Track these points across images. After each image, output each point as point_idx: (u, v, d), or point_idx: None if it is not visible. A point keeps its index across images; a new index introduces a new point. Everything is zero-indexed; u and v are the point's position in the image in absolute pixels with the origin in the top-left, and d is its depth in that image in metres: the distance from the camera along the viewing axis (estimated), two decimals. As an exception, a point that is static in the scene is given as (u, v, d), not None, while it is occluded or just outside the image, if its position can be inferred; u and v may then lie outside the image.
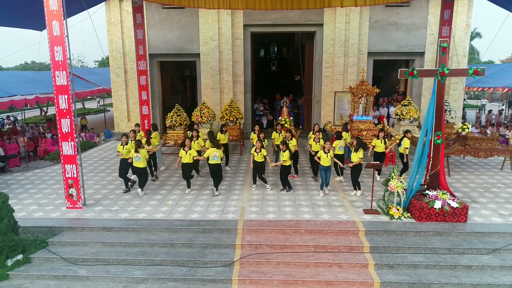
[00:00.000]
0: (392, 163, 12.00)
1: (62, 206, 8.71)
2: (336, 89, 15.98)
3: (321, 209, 8.43)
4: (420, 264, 6.72)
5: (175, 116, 13.79)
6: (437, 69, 7.73)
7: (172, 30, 15.99)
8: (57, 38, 7.87)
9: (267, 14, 15.53)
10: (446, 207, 7.60)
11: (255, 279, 6.49)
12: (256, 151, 9.36)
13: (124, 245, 7.28)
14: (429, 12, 15.29)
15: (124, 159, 9.53)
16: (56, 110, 8.17)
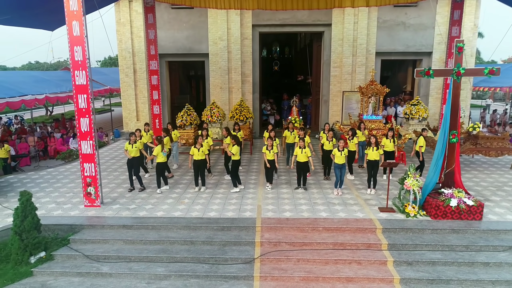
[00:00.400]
0: (402, 163, 12.10)
1: (80, 204, 8.80)
2: (344, 89, 16.06)
3: (337, 207, 8.53)
4: (438, 261, 6.82)
5: (186, 116, 13.90)
6: (453, 69, 7.82)
7: (181, 30, 16.08)
8: (77, 38, 7.95)
9: (275, 14, 15.63)
10: (462, 205, 7.70)
11: (277, 276, 6.59)
12: (267, 148, 9.43)
13: (144, 242, 7.37)
14: (437, 12, 15.39)
15: (133, 158, 9.59)
16: (75, 109, 8.25)
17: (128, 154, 9.67)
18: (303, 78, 29.72)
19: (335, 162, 9.25)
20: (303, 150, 9.31)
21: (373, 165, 9.25)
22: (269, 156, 9.47)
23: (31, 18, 11.39)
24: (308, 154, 9.33)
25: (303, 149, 9.32)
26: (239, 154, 9.52)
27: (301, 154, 9.32)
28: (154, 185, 10.14)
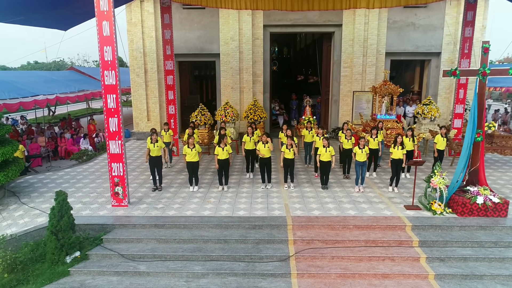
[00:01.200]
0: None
1: (107, 204, 8.82)
2: (355, 89, 16.22)
3: (363, 205, 8.65)
4: (469, 257, 6.97)
5: (200, 116, 13.94)
6: (479, 69, 7.98)
7: (192, 30, 16.11)
8: (107, 38, 7.98)
9: (287, 15, 15.73)
10: (488, 202, 7.87)
11: (314, 273, 6.69)
12: (287, 147, 9.49)
13: (178, 241, 7.43)
14: (446, 13, 15.60)
15: (156, 157, 9.59)
16: (104, 109, 8.27)
17: (150, 153, 9.65)
18: (303, 78, 29.95)
19: (357, 159, 9.38)
20: (327, 148, 9.41)
21: (398, 163, 9.37)
22: (289, 155, 9.53)
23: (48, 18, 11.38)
24: (332, 153, 9.44)
25: (327, 147, 9.42)
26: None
27: (325, 153, 9.43)
28: (176, 185, 10.21)
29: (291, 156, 9.50)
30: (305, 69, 30.83)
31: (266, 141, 9.53)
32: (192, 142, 9.47)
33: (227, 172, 9.76)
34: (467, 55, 12.67)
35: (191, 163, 9.55)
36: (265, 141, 9.50)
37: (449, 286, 6.46)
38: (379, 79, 16.11)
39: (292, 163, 9.63)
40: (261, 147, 9.50)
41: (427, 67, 16.93)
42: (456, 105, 13.07)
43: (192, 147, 9.43)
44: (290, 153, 9.46)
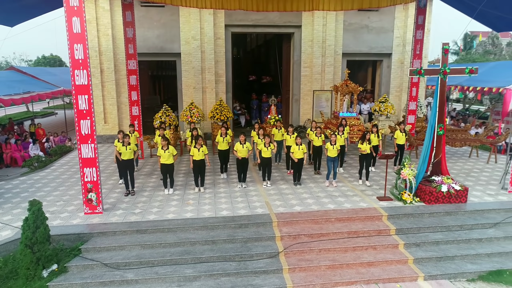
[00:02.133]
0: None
1: (78, 212, 8.31)
2: (315, 88, 16.79)
3: (340, 199, 9.03)
4: (441, 241, 7.60)
5: (164, 117, 13.59)
6: (440, 68, 8.70)
7: (151, 29, 15.62)
8: (77, 35, 7.53)
9: (248, 15, 15.85)
10: (451, 190, 8.62)
11: (304, 267, 6.87)
12: (265, 146, 9.63)
13: (164, 245, 7.22)
14: (396, 17, 16.72)
15: (128, 160, 9.25)
16: (75, 111, 7.77)
17: (120, 156, 9.24)
18: (255, 78, 30.32)
19: (328, 155, 9.77)
20: (300, 146, 9.67)
21: (366, 158, 9.93)
22: (267, 154, 9.67)
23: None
24: (304, 150, 9.71)
25: (300, 145, 9.67)
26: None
27: (298, 151, 9.66)
28: (149, 188, 9.89)
29: (269, 155, 9.63)
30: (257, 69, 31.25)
31: (244, 141, 9.55)
32: (165, 144, 9.19)
33: (203, 174, 9.63)
34: (418, 56, 13.68)
35: (165, 166, 9.27)
36: (242, 141, 9.51)
37: (427, 268, 6.99)
38: (337, 78, 16.85)
39: (269, 161, 9.75)
40: (238, 148, 9.49)
41: (379, 67, 18.02)
42: (409, 102, 14.07)
43: (166, 148, 9.16)
44: (268, 152, 9.59)
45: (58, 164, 12.62)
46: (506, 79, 16.28)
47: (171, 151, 9.16)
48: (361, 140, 9.92)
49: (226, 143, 10.40)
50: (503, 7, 11.77)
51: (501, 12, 12.20)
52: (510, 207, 8.59)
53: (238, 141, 9.59)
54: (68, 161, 12.99)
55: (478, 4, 12.66)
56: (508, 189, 9.47)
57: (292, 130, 10.94)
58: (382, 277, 6.74)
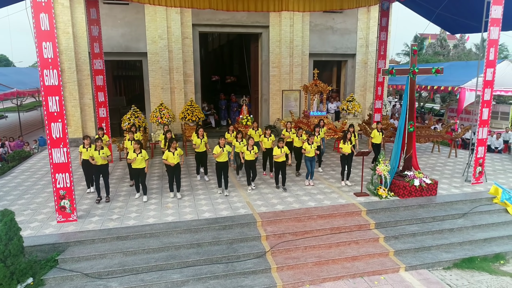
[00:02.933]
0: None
1: (50, 220, 7.80)
2: (283, 88, 16.99)
3: (319, 196, 9.20)
4: (417, 233, 7.97)
5: (133, 118, 13.14)
6: (410, 68, 9.12)
7: (115, 27, 15.02)
8: (46, 33, 7.06)
9: (216, 15, 15.71)
10: (423, 183, 9.08)
11: (292, 265, 6.93)
12: (248, 149, 9.39)
13: (148, 251, 6.97)
14: (359, 18, 17.32)
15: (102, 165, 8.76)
16: (44, 113, 7.29)
17: (95, 161, 8.77)
18: (218, 78, 30.21)
19: (306, 155, 9.81)
20: (282, 149, 9.36)
21: (348, 158, 9.95)
22: (250, 157, 9.40)
23: None
24: (287, 151, 9.57)
25: (282, 148, 9.38)
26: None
27: (280, 153, 9.35)
28: (124, 193, 9.51)
29: (252, 157, 9.43)
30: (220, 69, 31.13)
31: (224, 144, 9.28)
32: (138, 148, 8.82)
33: (179, 178, 9.15)
34: (383, 57, 14.30)
35: (137, 170, 8.86)
36: (222, 145, 9.21)
37: (406, 259, 7.31)
38: (304, 78, 17.15)
39: (253, 164, 9.56)
40: (218, 151, 9.17)
41: (344, 67, 18.58)
42: (376, 101, 14.65)
43: (139, 152, 8.80)
44: (251, 155, 9.41)
45: (19, 170, 11.77)
46: (458, 79, 17.42)
47: (144, 155, 8.81)
48: (343, 140, 9.94)
49: (203, 144, 10.14)
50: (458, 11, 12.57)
51: (457, 16, 13.03)
52: (475, 198, 9.19)
53: (217, 144, 9.29)
54: (29, 167, 12.15)
55: (436, 8, 13.47)
56: (471, 181, 10.13)
57: (269, 132, 10.78)
58: (367, 270, 6.96)
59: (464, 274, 7.14)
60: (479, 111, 9.85)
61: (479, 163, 10.06)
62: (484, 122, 9.89)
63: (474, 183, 10.10)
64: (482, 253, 7.61)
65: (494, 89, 9.97)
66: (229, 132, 11.22)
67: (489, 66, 9.55)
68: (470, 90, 16.64)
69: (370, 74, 17.88)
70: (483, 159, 10.10)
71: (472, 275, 7.10)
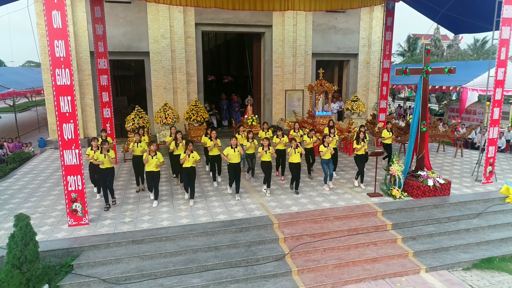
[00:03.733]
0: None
1: (61, 224, 7.58)
2: (286, 88, 16.88)
3: (332, 197, 9.11)
4: (434, 233, 7.92)
5: (137, 119, 12.90)
6: (423, 68, 9.07)
7: (117, 26, 14.76)
8: (58, 31, 6.84)
9: (218, 14, 15.56)
10: (436, 184, 9.04)
11: (312, 267, 6.82)
12: (264, 149, 9.09)
13: (165, 255, 6.79)
14: (361, 18, 17.30)
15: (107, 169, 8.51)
16: (56, 113, 7.06)
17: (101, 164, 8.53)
18: (214, 78, 30.02)
19: (323, 158, 9.37)
20: (295, 150, 9.01)
21: (362, 158, 9.67)
22: (266, 157, 9.15)
23: None
24: (302, 152, 9.33)
25: (296, 148, 9.02)
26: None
27: (294, 154, 9.05)
28: (133, 195, 9.30)
29: (268, 158, 9.18)
30: (216, 69, 30.94)
31: (236, 145, 8.97)
32: (153, 149, 8.61)
33: (193, 181, 8.80)
34: (388, 56, 14.27)
35: (151, 173, 8.57)
36: (234, 145, 8.93)
37: (426, 260, 7.25)
38: (307, 78, 17.08)
39: (269, 166, 9.25)
40: (230, 152, 8.88)
41: (347, 67, 18.55)
42: (380, 100, 14.62)
43: (154, 154, 8.59)
44: (267, 155, 9.16)
45: (21, 172, 11.47)
46: (460, 78, 17.47)
47: (159, 158, 8.60)
48: (356, 141, 9.69)
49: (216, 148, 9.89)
50: (465, 11, 12.58)
51: (463, 16, 13.04)
52: (487, 197, 9.19)
53: (229, 145, 9.09)
54: (31, 168, 11.85)
55: (441, 8, 13.48)
56: (481, 181, 10.13)
57: (281, 133, 10.52)
58: (388, 272, 6.87)
59: (484, 274, 7.09)
60: (490, 110, 9.84)
61: (490, 162, 10.07)
62: (495, 122, 9.89)
63: (484, 182, 10.11)
64: (500, 253, 7.59)
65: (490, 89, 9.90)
66: (240, 133, 10.95)
67: (501, 66, 9.55)
68: (472, 89, 16.74)
69: (373, 74, 17.89)
70: (493, 159, 10.11)
71: (492, 275, 7.06)
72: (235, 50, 28.23)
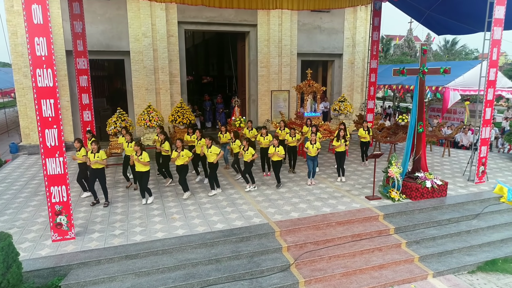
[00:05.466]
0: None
1: (43, 240, 6.90)
2: (272, 88, 16.57)
3: (331, 201, 8.84)
4: (436, 236, 7.79)
5: (119, 121, 12.19)
6: (420, 68, 8.96)
7: (95, 24, 13.95)
8: (39, 27, 6.20)
9: (202, 12, 15.05)
10: (434, 185, 8.95)
11: (320, 277, 6.50)
12: (244, 149, 9.23)
13: (162, 270, 6.28)
14: (346, 18, 17.24)
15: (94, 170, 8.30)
16: (37, 118, 6.40)
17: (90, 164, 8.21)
18: (192, 78, 29.41)
19: (309, 155, 9.74)
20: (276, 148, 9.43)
21: (341, 156, 10.04)
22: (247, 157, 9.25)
23: None
24: (282, 152, 9.56)
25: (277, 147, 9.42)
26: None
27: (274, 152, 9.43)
28: (120, 204, 8.70)
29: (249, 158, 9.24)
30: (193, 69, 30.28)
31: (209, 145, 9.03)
32: (139, 150, 8.30)
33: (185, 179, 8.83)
34: (375, 56, 14.23)
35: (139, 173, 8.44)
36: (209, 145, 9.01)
37: (432, 265, 7.10)
38: (293, 78, 16.84)
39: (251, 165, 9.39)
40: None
41: (331, 67, 18.44)
42: (368, 101, 14.56)
43: (139, 154, 8.27)
44: (248, 155, 9.18)
45: (-7, 182, 10.55)
46: (442, 78, 17.70)
47: (144, 158, 8.21)
48: (336, 138, 10.03)
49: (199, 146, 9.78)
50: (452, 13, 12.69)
51: (448, 18, 13.16)
52: (483, 198, 9.19)
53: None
54: (4, 177, 10.92)
55: (426, 9, 13.55)
56: (474, 181, 10.17)
57: (265, 131, 10.59)
58: (396, 279, 6.66)
59: (490, 277, 7.01)
60: (482, 110, 9.88)
61: (482, 162, 10.12)
62: (487, 122, 9.94)
63: (477, 182, 10.15)
64: (503, 255, 7.55)
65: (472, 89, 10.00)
66: (222, 132, 10.93)
67: (492, 66, 9.59)
68: (454, 89, 17.00)
69: (357, 74, 17.88)
70: (485, 159, 10.16)
71: (498, 278, 6.99)
72: (214, 50, 27.69)
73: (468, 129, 15.98)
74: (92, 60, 15.82)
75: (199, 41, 29.76)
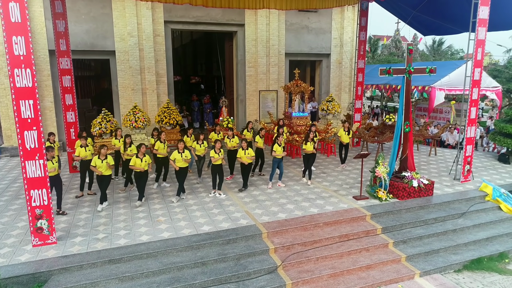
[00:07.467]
0: (333, 154, 13.27)
1: (23, 245, 6.70)
2: (260, 88, 16.49)
3: (318, 201, 8.80)
4: (423, 235, 7.82)
5: (104, 122, 11.98)
6: (406, 68, 8.98)
7: (79, 23, 13.68)
8: (17, 25, 6.00)
9: (189, 11, 14.89)
10: (421, 184, 8.99)
11: (307, 279, 6.46)
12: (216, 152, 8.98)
13: (147, 275, 6.15)
14: (333, 18, 17.25)
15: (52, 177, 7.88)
16: (16, 120, 6.20)
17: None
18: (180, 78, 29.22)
19: (276, 157, 9.57)
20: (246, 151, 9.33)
21: (309, 157, 9.96)
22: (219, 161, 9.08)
23: None
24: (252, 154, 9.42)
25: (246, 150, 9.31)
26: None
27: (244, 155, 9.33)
28: (106, 207, 8.51)
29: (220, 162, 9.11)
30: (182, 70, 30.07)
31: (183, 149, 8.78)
32: (104, 153, 8.22)
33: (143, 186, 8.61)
34: (362, 56, 14.25)
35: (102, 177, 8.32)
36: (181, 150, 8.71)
37: (419, 264, 7.12)
38: (281, 78, 16.79)
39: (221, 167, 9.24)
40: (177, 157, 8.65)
41: (319, 67, 18.45)
42: (356, 101, 14.60)
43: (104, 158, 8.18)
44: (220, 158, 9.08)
45: (-28, 185, 10.23)
46: (428, 78, 17.86)
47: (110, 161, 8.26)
48: (305, 140, 9.90)
49: (203, 148, 9.91)
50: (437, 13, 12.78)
51: (434, 18, 13.25)
52: (468, 196, 9.27)
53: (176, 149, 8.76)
54: (-17, 180, 10.62)
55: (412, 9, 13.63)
56: (460, 180, 10.25)
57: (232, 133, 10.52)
58: (384, 280, 6.65)
59: (476, 276, 7.06)
60: (467, 110, 9.97)
61: (468, 161, 10.21)
62: (472, 121, 10.03)
63: (463, 181, 10.23)
64: (488, 253, 7.62)
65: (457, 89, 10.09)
66: (215, 131, 11.03)
67: (477, 66, 9.67)
68: (440, 89, 17.17)
69: (345, 74, 17.92)
70: (471, 157, 10.26)
71: (483, 276, 7.04)
72: (202, 50, 27.51)
73: (454, 128, 16.17)
74: (77, 60, 15.58)
75: (187, 40, 29.54)
